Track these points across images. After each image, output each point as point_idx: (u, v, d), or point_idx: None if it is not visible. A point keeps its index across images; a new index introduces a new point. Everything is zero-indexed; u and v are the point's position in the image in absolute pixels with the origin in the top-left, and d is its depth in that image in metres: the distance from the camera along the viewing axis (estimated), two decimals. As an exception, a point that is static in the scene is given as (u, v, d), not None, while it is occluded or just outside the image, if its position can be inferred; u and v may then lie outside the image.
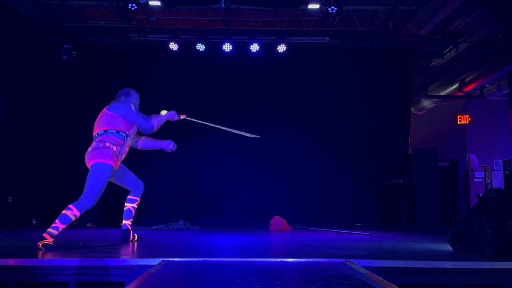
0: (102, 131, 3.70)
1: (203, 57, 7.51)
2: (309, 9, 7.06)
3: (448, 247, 3.45)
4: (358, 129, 7.64)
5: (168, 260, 2.69)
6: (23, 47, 6.78)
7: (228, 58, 7.51)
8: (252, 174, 7.50)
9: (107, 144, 3.62)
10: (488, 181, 9.65)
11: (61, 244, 3.48)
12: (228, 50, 7.38)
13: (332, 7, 6.51)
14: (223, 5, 6.51)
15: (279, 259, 2.84)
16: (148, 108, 8.54)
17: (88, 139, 7.12)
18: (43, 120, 7.17)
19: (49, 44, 7.25)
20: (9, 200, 6.42)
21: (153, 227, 6.08)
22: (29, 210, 6.77)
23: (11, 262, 2.74)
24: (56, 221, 3.40)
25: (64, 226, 3.41)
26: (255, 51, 7.41)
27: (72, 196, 8.04)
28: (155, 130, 3.90)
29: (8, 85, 6.50)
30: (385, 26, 7.41)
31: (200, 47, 7.34)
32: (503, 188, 8.88)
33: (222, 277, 2.30)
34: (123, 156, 3.81)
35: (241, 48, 7.48)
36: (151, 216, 7.01)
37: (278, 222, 6.18)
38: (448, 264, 2.78)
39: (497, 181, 9.60)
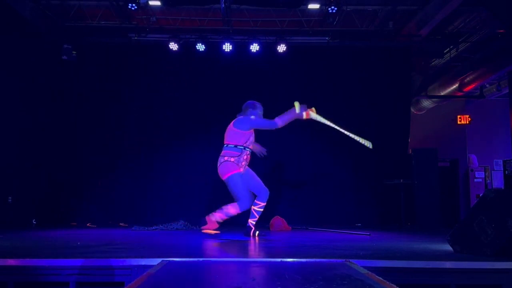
0: (225, 145, 4.56)
1: (203, 57, 7.50)
2: (309, 9, 7.07)
3: (448, 247, 3.44)
4: (358, 129, 7.53)
5: (168, 260, 2.68)
6: (23, 47, 6.78)
7: (228, 58, 7.50)
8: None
9: (226, 158, 4.46)
10: (488, 181, 9.63)
11: (61, 244, 3.48)
12: (228, 50, 7.37)
13: (332, 7, 6.52)
14: (223, 5, 6.51)
15: (279, 259, 2.83)
16: (147, 107, 8.48)
17: (87, 139, 7.12)
18: (43, 120, 7.17)
19: (49, 44, 7.24)
20: (9, 200, 6.42)
21: (153, 227, 6.08)
22: (29, 210, 6.77)
23: (11, 262, 2.73)
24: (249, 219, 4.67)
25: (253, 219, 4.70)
26: (255, 51, 7.41)
27: (72, 196, 8.04)
28: (279, 126, 4.49)
29: (8, 85, 6.49)
30: (385, 26, 7.41)
31: (200, 47, 7.34)
32: (503, 188, 8.87)
33: (222, 277, 2.30)
34: (244, 162, 4.55)
35: (241, 48, 7.48)
36: (151, 216, 7.02)
37: (278, 222, 6.17)
38: (448, 264, 2.78)
39: (497, 181, 9.58)
